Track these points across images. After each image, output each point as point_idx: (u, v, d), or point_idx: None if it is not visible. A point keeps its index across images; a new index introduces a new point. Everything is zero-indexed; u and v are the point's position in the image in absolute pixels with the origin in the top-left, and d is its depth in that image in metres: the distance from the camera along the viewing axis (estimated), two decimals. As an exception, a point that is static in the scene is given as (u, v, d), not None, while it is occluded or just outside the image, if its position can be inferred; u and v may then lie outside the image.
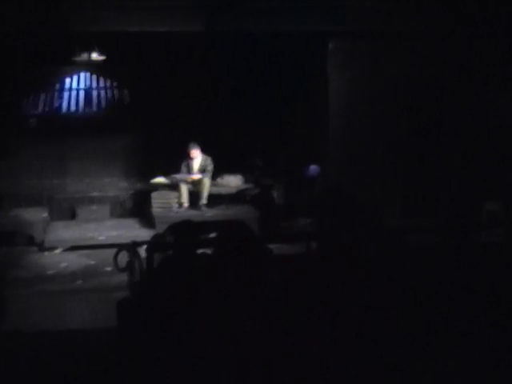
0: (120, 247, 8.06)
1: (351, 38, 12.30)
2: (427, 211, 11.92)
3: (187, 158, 13.28)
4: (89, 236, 12.30)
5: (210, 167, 13.20)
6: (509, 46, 12.01)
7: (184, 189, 13.02)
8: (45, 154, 14.37)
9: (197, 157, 13.25)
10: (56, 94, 14.87)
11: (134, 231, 12.41)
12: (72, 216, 13.75)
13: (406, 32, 12.06)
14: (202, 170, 13.19)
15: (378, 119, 12.53)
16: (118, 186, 14.70)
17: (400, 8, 11.88)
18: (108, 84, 15.10)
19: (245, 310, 3.51)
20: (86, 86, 15.02)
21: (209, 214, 12.80)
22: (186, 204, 13.05)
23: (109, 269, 9.71)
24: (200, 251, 5.89)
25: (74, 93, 14.95)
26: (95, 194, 14.18)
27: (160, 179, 13.48)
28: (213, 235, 4.90)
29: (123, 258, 7.93)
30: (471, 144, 12.41)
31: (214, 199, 13.34)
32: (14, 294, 8.86)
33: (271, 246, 4.19)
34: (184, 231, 5.96)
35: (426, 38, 12.12)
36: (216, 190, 13.41)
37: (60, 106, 14.90)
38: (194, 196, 13.15)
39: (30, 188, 13.97)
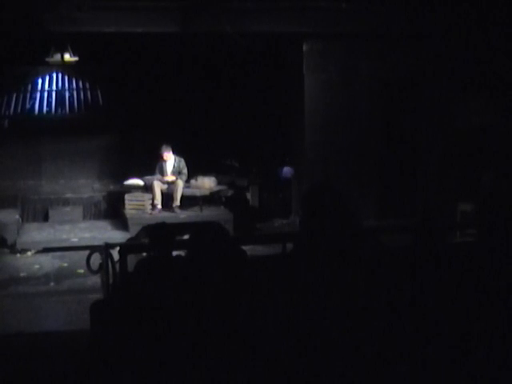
0: (93, 249, 8.03)
1: (326, 39, 12.32)
2: (402, 212, 11.97)
3: (160, 160, 13.24)
4: (62, 238, 12.21)
5: (185, 169, 13.17)
6: (481, 51, 12.09)
7: (158, 190, 12.97)
8: (19, 155, 14.25)
9: (170, 159, 13.22)
10: (28, 94, 14.74)
11: (107, 233, 12.35)
12: (45, 217, 13.66)
13: (380, 34, 12.11)
14: (177, 172, 13.16)
15: (354, 121, 12.56)
16: (91, 188, 14.61)
17: (374, 10, 11.93)
18: (81, 85, 15.00)
19: (219, 312, 3.49)
20: (58, 87, 14.91)
21: (183, 215, 12.76)
22: (159, 206, 13.00)
23: (82, 271, 9.66)
24: (174, 253, 5.88)
25: (45, 94, 14.83)
26: (69, 195, 14.08)
27: (134, 181, 13.43)
28: (187, 237, 4.87)
29: (96, 259, 7.90)
30: (445, 145, 12.49)
31: (188, 201, 13.30)
32: (-13, 296, 8.81)
33: (246, 248, 4.17)
34: (158, 233, 5.93)
35: (401, 39, 12.16)
36: (190, 192, 13.35)
37: (32, 106, 14.77)
38: (168, 198, 13.11)
39: (4, 189, 13.83)
